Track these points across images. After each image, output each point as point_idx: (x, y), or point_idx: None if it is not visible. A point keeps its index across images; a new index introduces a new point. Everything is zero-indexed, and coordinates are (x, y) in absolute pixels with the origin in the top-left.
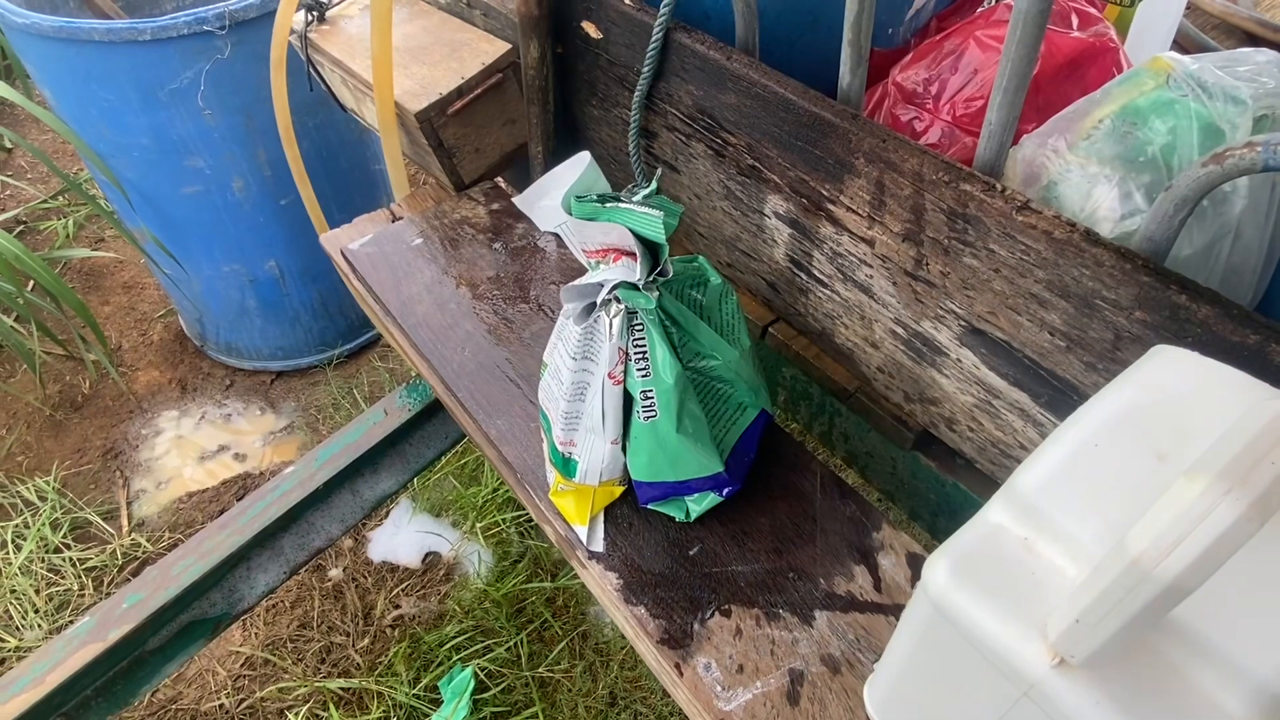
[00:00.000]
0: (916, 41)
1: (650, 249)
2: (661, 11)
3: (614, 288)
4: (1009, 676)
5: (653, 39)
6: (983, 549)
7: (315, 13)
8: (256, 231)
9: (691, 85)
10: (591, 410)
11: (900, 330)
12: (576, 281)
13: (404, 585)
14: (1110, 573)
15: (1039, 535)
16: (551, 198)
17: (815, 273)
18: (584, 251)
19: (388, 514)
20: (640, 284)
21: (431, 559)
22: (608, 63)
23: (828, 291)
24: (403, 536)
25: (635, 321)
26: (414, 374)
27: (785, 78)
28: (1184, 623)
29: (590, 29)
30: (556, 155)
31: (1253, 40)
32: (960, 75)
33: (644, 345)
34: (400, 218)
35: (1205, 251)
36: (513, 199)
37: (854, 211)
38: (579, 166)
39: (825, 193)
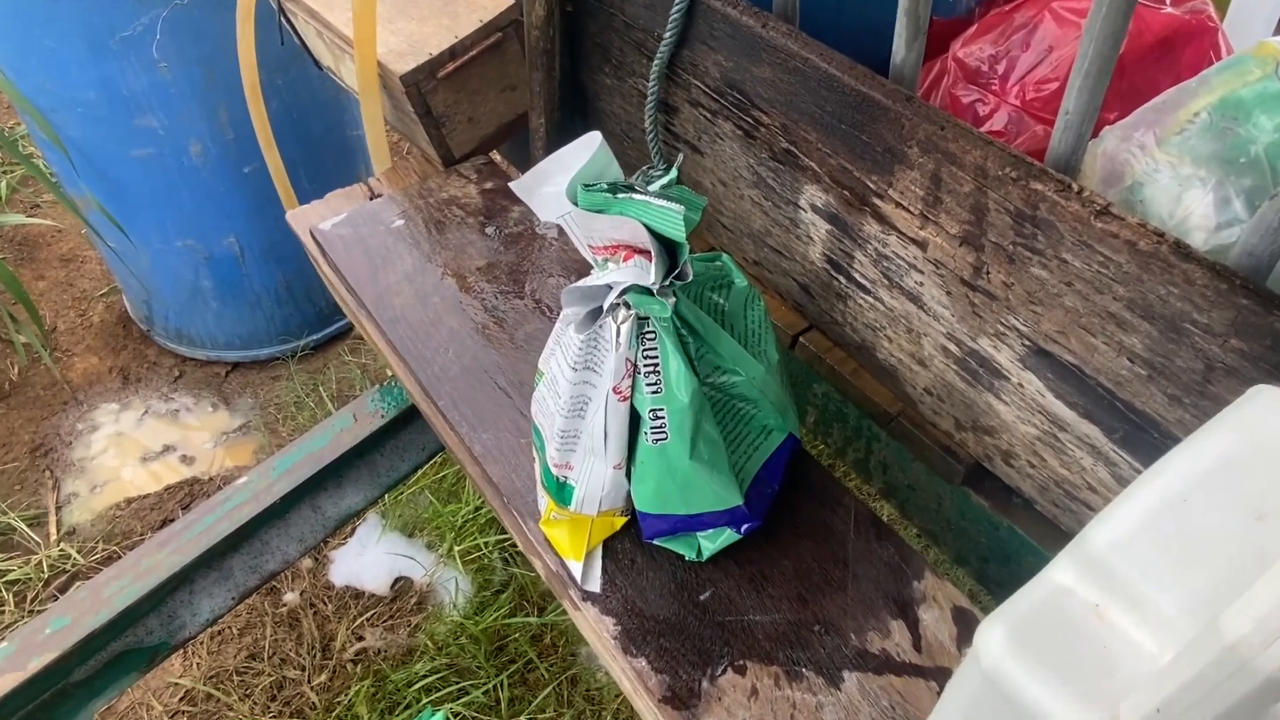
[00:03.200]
0: (982, 12)
1: (667, 248)
2: None
3: (623, 291)
4: None
5: (677, 2)
6: (1046, 614)
7: None
8: (215, 202)
9: (720, 55)
10: (592, 429)
11: (953, 347)
12: (580, 282)
13: (369, 614)
14: (1201, 658)
15: (1113, 601)
16: (554, 184)
17: (856, 277)
18: (590, 248)
19: (353, 532)
20: (654, 288)
21: (401, 585)
22: (624, 24)
23: (870, 299)
24: (369, 558)
25: (646, 329)
26: (389, 374)
27: (829, 50)
28: None
29: None
30: (561, 129)
31: None
32: (1032, 53)
33: (656, 357)
34: (379, 195)
35: None
36: (509, 184)
37: (904, 208)
38: (588, 149)
39: (872, 185)
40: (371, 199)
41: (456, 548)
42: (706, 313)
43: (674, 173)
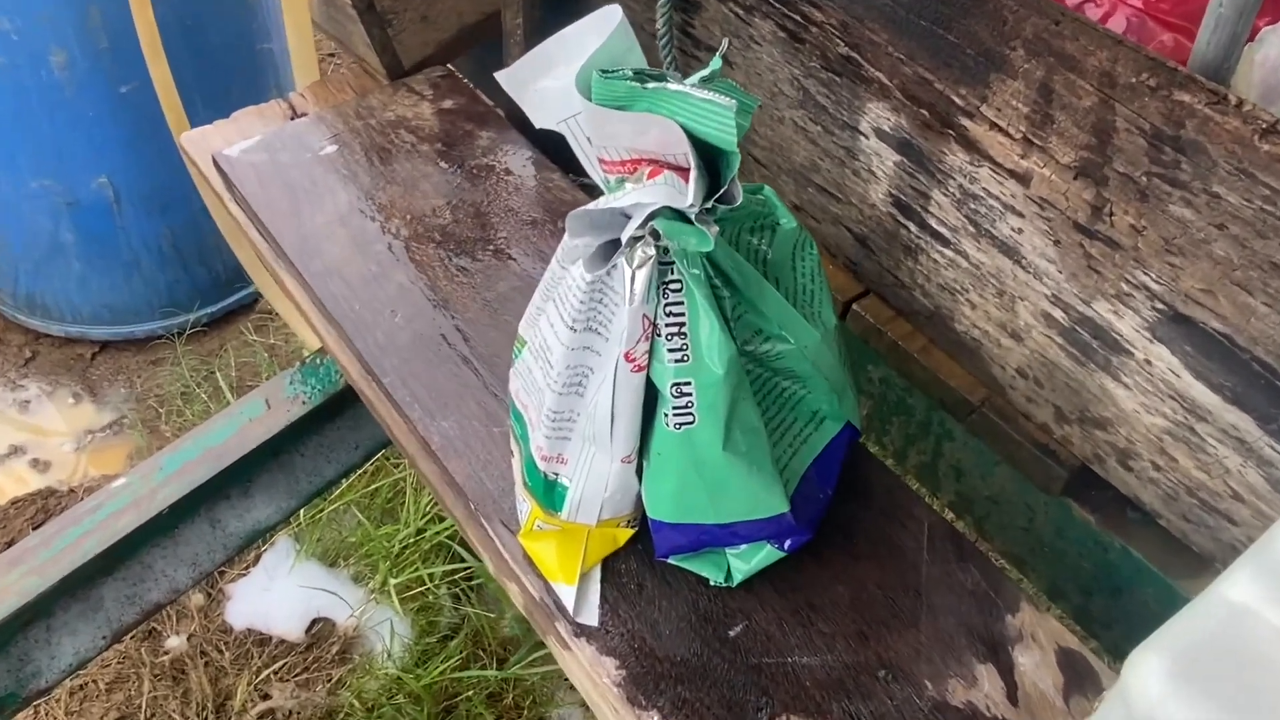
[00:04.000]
0: None
1: (709, 161)
2: None
3: (651, 216)
4: None
5: None
6: (1220, 642)
7: None
8: (83, 131)
9: None
10: (595, 409)
11: (1059, 314)
12: (591, 205)
13: (278, 665)
14: None
15: None
16: (558, 74)
17: (932, 223)
18: (601, 162)
19: (258, 559)
20: (693, 213)
21: (320, 629)
22: None
23: (950, 252)
24: (278, 594)
25: (670, 278)
26: (306, 354)
27: None
28: None
29: None
30: (545, 31)
31: None
32: None
33: (681, 314)
34: (304, 114)
35: None
36: (496, 74)
37: (1002, 130)
38: (605, 26)
39: (959, 101)
40: (294, 119)
41: (392, 581)
42: (749, 259)
43: (717, 61)
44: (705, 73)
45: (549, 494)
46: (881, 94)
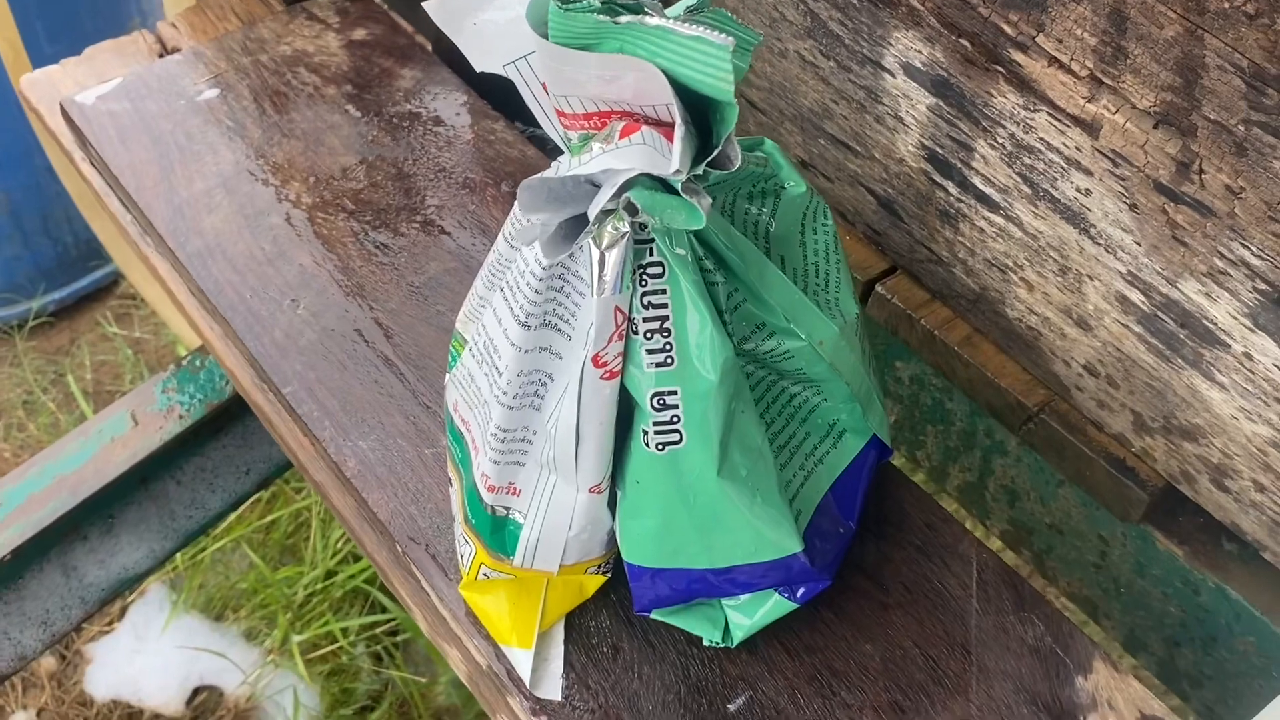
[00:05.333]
0: None
1: (697, 114)
2: None
3: (626, 186)
4: None
5: None
6: None
7: None
8: None
9: None
10: (556, 427)
11: (1138, 296)
12: (548, 172)
13: None
14: None
15: None
16: (503, 3)
17: (976, 182)
18: (560, 115)
19: (124, 611)
20: (680, 182)
21: (204, 699)
22: None
23: (999, 219)
24: (152, 655)
25: (648, 260)
26: (185, 351)
27: None
28: None
29: None
30: None
31: None
32: None
33: (664, 306)
34: (176, 49)
35: None
36: (424, 3)
37: (1064, 66)
38: None
39: (1009, 29)
40: (163, 55)
41: (295, 638)
42: (748, 234)
43: None
44: (692, 1)
45: (497, 534)
46: (911, 20)
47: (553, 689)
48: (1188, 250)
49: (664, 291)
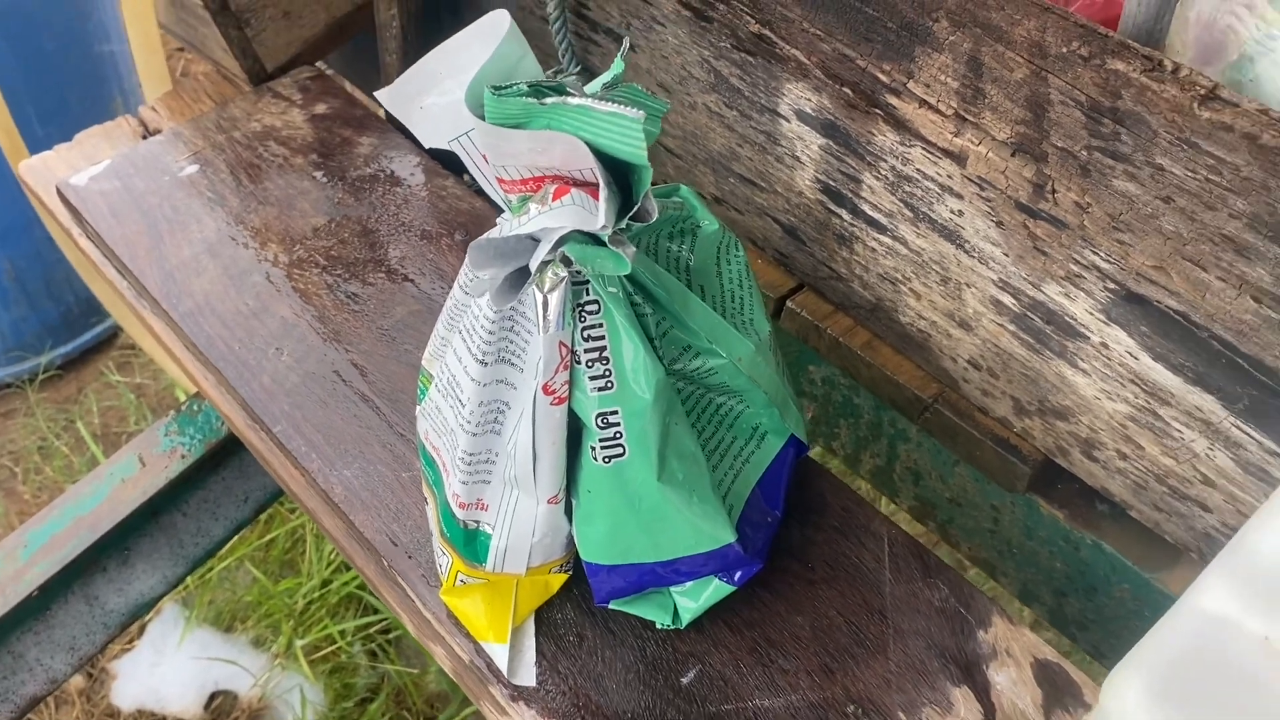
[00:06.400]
0: None
1: (618, 174)
2: None
3: (561, 242)
4: None
5: None
6: (1198, 659)
7: None
8: None
9: None
10: (514, 448)
11: (1009, 299)
12: (493, 233)
13: None
14: None
15: None
16: (445, 89)
17: (866, 209)
18: (500, 182)
19: (143, 630)
20: (606, 235)
21: (221, 703)
22: None
23: (887, 239)
24: (169, 667)
25: (585, 299)
26: (182, 397)
27: None
28: None
29: None
30: (427, 26)
31: None
32: None
33: (602, 338)
34: (157, 131)
35: None
36: (377, 93)
37: (932, 107)
38: (494, 34)
39: (883, 78)
40: (146, 137)
41: (298, 642)
42: (670, 268)
43: (619, 65)
44: (607, 78)
45: (470, 545)
46: (800, 73)
47: (528, 676)
48: (1047, 258)
49: (601, 325)
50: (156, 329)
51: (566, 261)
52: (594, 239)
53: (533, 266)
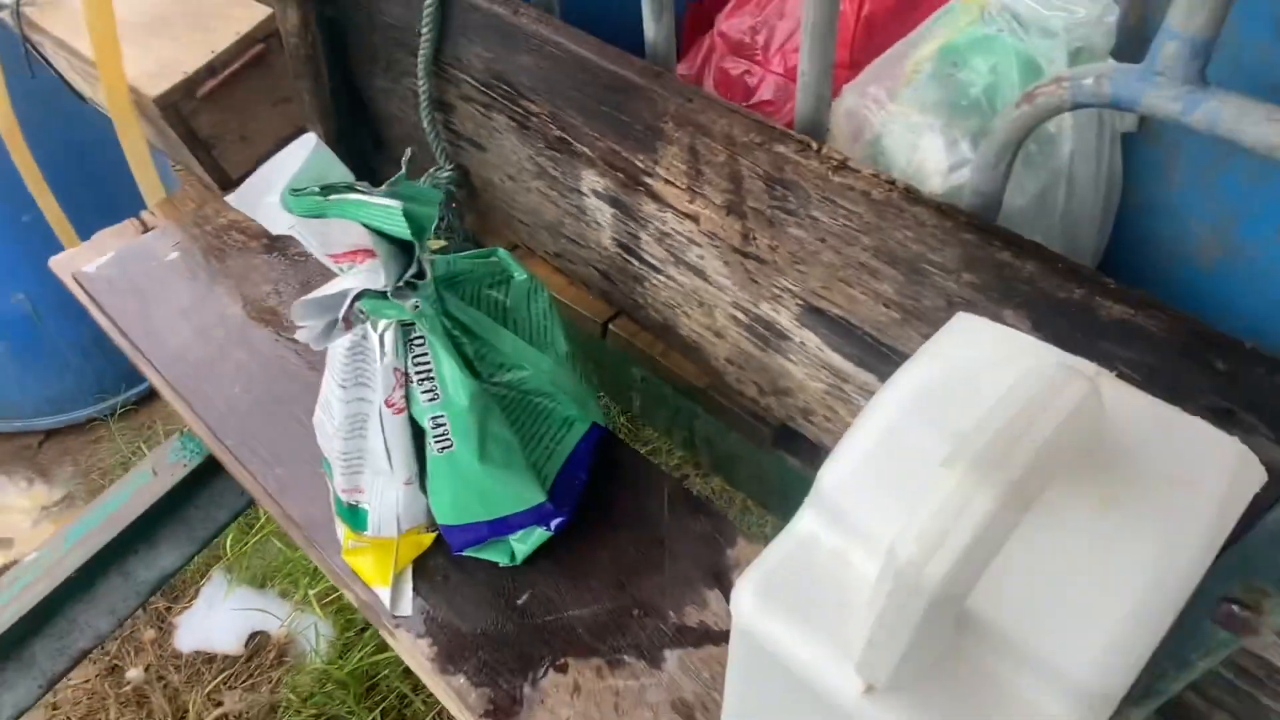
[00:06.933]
0: None
1: (406, 246)
2: None
3: (356, 298)
4: (829, 708)
5: None
6: (793, 564)
7: None
8: None
9: (481, 47)
10: (374, 448)
11: (741, 315)
12: (313, 294)
13: (225, 676)
14: (885, 585)
15: (849, 543)
16: (276, 193)
17: (646, 257)
18: (330, 256)
19: (197, 593)
20: (388, 291)
21: (257, 641)
22: (386, 24)
23: (662, 277)
24: (218, 618)
25: (414, 335)
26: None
27: (580, 33)
28: (995, 625)
29: None
30: (342, 137)
31: None
32: (789, 20)
33: (428, 362)
34: (152, 228)
35: (1038, 200)
36: (227, 198)
37: (673, 184)
38: (302, 151)
39: (640, 165)
40: (144, 233)
41: (312, 591)
42: (487, 310)
43: (404, 170)
44: (394, 180)
45: (354, 518)
46: (590, 164)
47: (405, 609)
48: (759, 285)
49: (427, 354)
50: (148, 374)
51: (361, 314)
52: (381, 294)
53: (340, 317)
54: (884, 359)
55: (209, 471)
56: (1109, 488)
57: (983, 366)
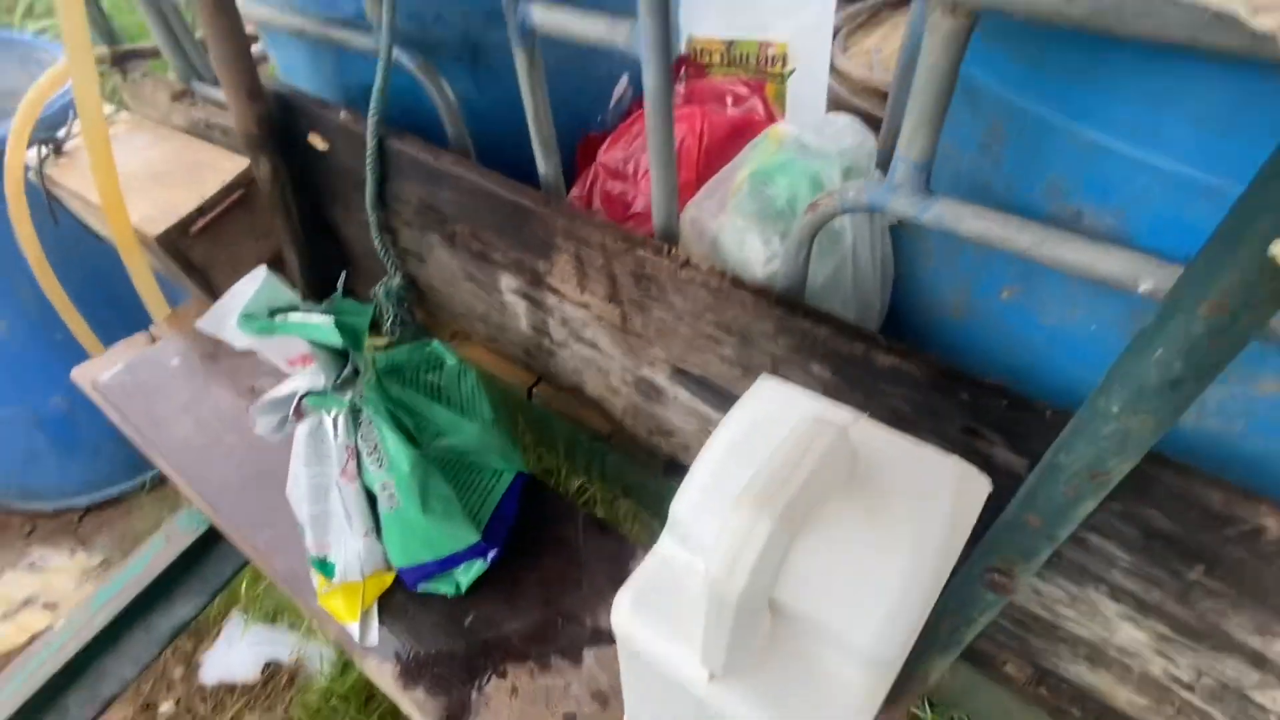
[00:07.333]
0: (615, 125)
1: (342, 351)
2: (370, 124)
3: (301, 397)
4: (687, 694)
5: (368, 148)
6: (657, 579)
7: (50, 146)
8: (32, 371)
9: (413, 183)
10: (335, 510)
11: (629, 377)
12: (268, 395)
13: (244, 701)
14: (705, 594)
15: (696, 558)
16: (234, 317)
17: (554, 337)
18: (286, 361)
19: (219, 633)
20: (328, 389)
21: (272, 668)
22: (340, 169)
23: (568, 351)
24: (237, 653)
25: (362, 417)
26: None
27: (487, 172)
28: (803, 614)
29: (317, 141)
30: (315, 260)
31: (885, 97)
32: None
33: (375, 438)
34: (159, 339)
35: (833, 279)
36: (195, 323)
37: (566, 282)
38: (254, 282)
39: (541, 269)
40: (152, 344)
41: (316, 623)
42: (424, 391)
43: (338, 290)
44: (330, 299)
45: (324, 568)
46: (505, 269)
47: (372, 640)
48: (638, 355)
49: (374, 431)
50: (156, 461)
51: (303, 409)
52: (322, 392)
53: (290, 412)
54: (734, 404)
55: (213, 537)
56: (870, 502)
57: (774, 419)
